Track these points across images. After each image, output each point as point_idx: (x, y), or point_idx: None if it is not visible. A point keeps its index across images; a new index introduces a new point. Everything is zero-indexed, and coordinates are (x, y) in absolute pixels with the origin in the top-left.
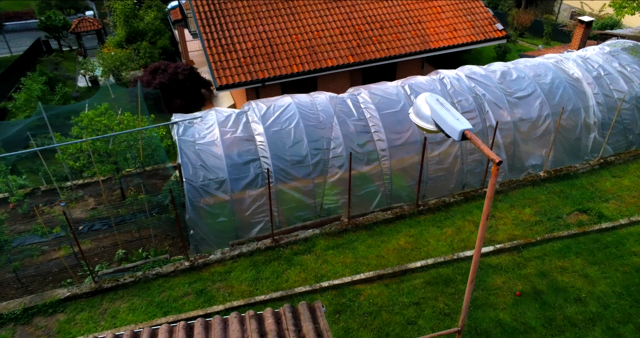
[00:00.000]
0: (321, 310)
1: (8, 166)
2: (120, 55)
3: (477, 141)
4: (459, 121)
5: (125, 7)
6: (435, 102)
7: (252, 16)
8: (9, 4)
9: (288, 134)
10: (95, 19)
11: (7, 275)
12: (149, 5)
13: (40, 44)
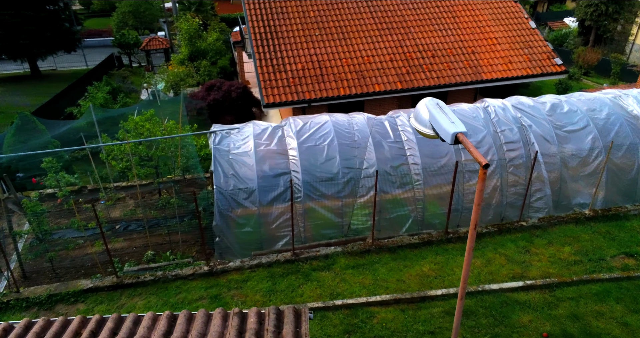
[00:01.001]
0: (307, 315)
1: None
2: (180, 71)
3: (468, 144)
4: (453, 124)
5: (190, 28)
6: (434, 106)
7: (305, 39)
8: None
9: (321, 150)
10: (164, 39)
11: (44, 264)
12: (214, 28)
13: (113, 59)
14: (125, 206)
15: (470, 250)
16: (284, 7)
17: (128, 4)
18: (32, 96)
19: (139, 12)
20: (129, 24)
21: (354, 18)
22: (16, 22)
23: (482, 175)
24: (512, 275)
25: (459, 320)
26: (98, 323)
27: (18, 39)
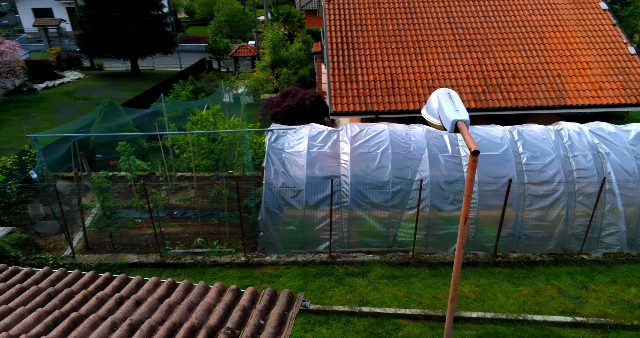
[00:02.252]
0: (300, 302)
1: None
2: (260, 77)
3: (465, 132)
4: (457, 112)
5: (275, 37)
6: (444, 95)
7: (380, 51)
8: (194, 30)
9: (373, 158)
10: (252, 47)
11: (106, 238)
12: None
13: (204, 63)
14: (185, 195)
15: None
16: (363, 20)
17: (224, 14)
18: (128, 91)
19: (234, 22)
20: (224, 32)
21: (433, 33)
22: (123, 23)
23: (471, 163)
24: (562, 309)
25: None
26: (106, 280)
27: (123, 39)
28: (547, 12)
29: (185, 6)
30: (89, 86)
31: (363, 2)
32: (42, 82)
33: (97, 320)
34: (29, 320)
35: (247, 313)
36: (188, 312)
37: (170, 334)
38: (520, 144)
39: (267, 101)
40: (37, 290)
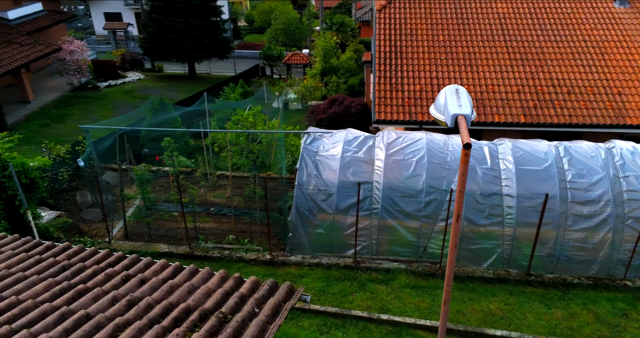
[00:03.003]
0: (299, 295)
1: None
2: (309, 84)
3: (462, 126)
4: (460, 107)
5: (326, 45)
6: (451, 91)
7: (429, 62)
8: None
9: (408, 166)
10: (305, 55)
11: (144, 229)
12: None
13: (257, 69)
14: (223, 192)
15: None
16: (413, 30)
17: (281, 22)
18: (183, 92)
19: (290, 30)
20: (279, 40)
21: (485, 45)
22: (183, 28)
23: (463, 157)
24: (598, 336)
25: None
26: (118, 258)
27: (182, 43)
28: (611, 27)
29: (246, 14)
30: (148, 86)
31: (415, 12)
32: (105, 80)
33: (100, 294)
34: (38, 288)
35: (243, 301)
36: (187, 294)
37: (165, 312)
38: (566, 160)
39: (313, 107)
40: (53, 262)
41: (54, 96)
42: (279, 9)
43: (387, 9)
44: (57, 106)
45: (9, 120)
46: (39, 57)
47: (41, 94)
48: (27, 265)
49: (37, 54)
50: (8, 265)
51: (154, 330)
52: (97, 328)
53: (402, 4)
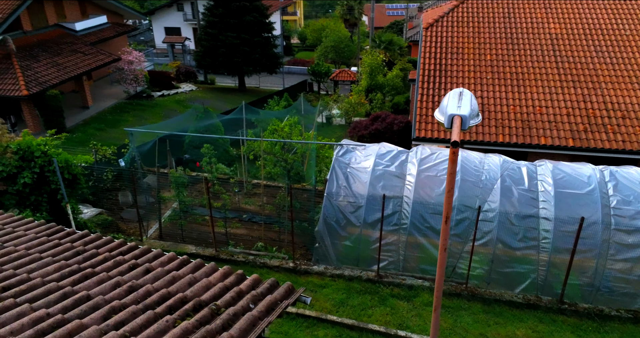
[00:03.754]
0: (296, 295)
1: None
2: (353, 101)
3: (455, 125)
4: (458, 108)
5: (373, 62)
6: (455, 93)
7: (474, 81)
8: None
9: (440, 182)
10: (352, 72)
11: (177, 231)
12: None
13: (305, 85)
14: (258, 200)
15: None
16: (460, 49)
17: (331, 40)
18: (230, 103)
19: (340, 48)
20: (329, 57)
21: (535, 66)
22: (235, 43)
23: (451, 156)
24: None
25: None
26: (130, 248)
27: (234, 57)
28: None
29: (299, 32)
30: (199, 97)
31: (462, 31)
32: (159, 90)
33: (105, 278)
34: (50, 268)
35: (240, 296)
36: (187, 285)
37: (161, 300)
38: (612, 185)
39: (356, 123)
40: (69, 247)
41: (110, 102)
42: (330, 27)
43: (434, 27)
44: (113, 112)
45: (69, 123)
46: (99, 66)
47: (99, 101)
48: (44, 248)
49: (97, 63)
50: (28, 246)
51: (146, 315)
52: (94, 309)
53: (449, 22)
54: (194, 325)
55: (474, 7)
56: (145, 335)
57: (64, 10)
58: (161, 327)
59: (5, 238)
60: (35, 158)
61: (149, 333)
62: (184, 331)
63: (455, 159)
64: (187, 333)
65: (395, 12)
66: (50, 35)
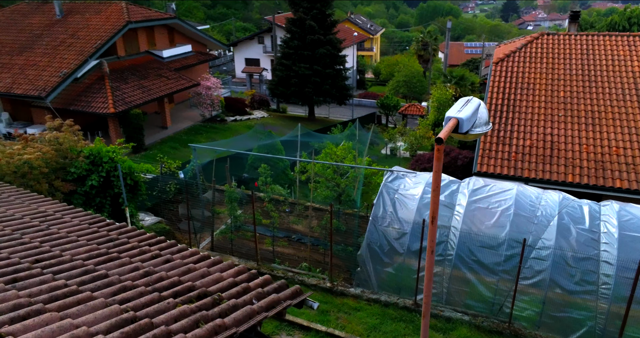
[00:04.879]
0: (301, 298)
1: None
2: (418, 134)
3: (448, 125)
4: (458, 112)
5: (441, 96)
6: (462, 100)
7: (545, 117)
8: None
9: (491, 215)
10: (422, 107)
11: (227, 245)
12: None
13: (373, 117)
14: (309, 222)
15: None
16: (531, 84)
17: (403, 75)
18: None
19: (412, 83)
20: (400, 92)
21: (614, 105)
22: (307, 74)
23: (436, 153)
24: None
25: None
26: (158, 241)
27: (305, 87)
28: None
29: (373, 67)
30: (269, 123)
31: (535, 67)
32: (233, 116)
33: (126, 263)
34: (81, 249)
35: (246, 291)
36: (200, 277)
37: (171, 286)
38: None
39: (419, 156)
40: (104, 234)
41: (187, 124)
42: (403, 62)
43: (504, 61)
44: (188, 133)
45: (147, 141)
46: (179, 90)
47: (177, 122)
48: (83, 233)
49: (178, 87)
50: (69, 230)
51: (151, 296)
52: (107, 286)
53: (521, 58)
54: (192, 310)
55: (549, 43)
56: (144, 312)
57: (154, 39)
58: (161, 307)
59: (53, 222)
60: (103, 163)
61: (149, 311)
62: (181, 313)
63: (440, 157)
64: (184, 315)
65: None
66: (140, 61)
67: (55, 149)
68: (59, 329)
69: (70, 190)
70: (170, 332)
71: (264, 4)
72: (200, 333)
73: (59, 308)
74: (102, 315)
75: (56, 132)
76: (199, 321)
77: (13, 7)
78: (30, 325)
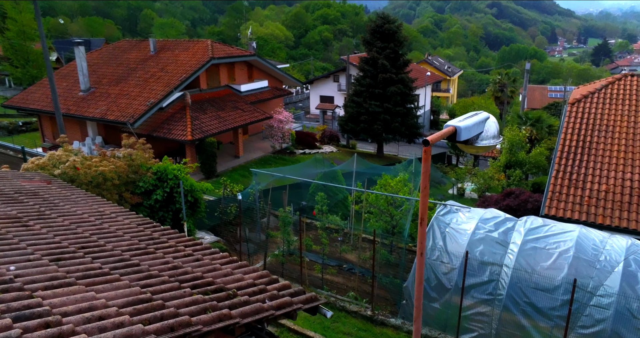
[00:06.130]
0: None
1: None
2: (486, 175)
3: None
4: (460, 121)
5: (513, 137)
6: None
7: (624, 162)
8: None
9: (548, 255)
10: (496, 148)
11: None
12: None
13: (444, 157)
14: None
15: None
16: (610, 126)
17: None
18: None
19: None
20: None
21: None
22: (377, 111)
23: (423, 154)
24: None
25: None
26: (195, 244)
27: (374, 124)
28: None
29: (449, 108)
30: (336, 158)
31: (616, 108)
32: (302, 149)
33: (159, 257)
34: (123, 243)
35: (262, 292)
36: (222, 276)
37: (192, 279)
38: None
39: (486, 197)
40: (148, 234)
41: (258, 155)
42: (478, 103)
43: (581, 103)
44: (258, 163)
45: (219, 168)
46: (252, 122)
47: (249, 152)
48: (131, 231)
49: (252, 119)
50: (119, 227)
51: (171, 284)
52: (136, 272)
53: (600, 99)
54: (204, 300)
55: (634, 84)
56: (160, 296)
57: (234, 74)
58: (177, 295)
59: (106, 220)
60: (168, 179)
61: (165, 296)
62: (193, 301)
63: (427, 159)
64: (195, 303)
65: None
66: (219, 94)
67: (128, 164)
68: (81, 298)
69: (137, 202)
70: (178, 314)
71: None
72: (204, 319)
73: (88, 284)
74: (123, 293)
75: (130, 149)
76: (208, 309)
77: (116, 44)
78: (59, 293)
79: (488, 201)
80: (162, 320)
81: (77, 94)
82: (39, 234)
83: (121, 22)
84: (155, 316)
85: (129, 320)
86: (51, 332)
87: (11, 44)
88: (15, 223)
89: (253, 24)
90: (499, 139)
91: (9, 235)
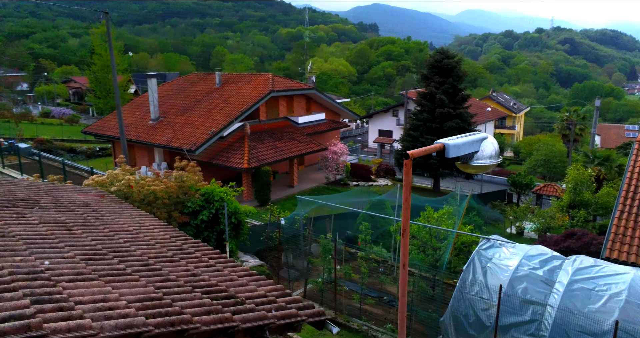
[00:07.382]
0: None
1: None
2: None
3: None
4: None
5: (578, 176)
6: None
7: None
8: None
9: (597, 297)
10: (560, 187)
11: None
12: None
13: (504, 194)
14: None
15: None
16: None
17: (543, 154)
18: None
19: (551, 163)
20: (538, 171)
21: None
22: None
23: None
24: None
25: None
26: (219, 256)
27: (430, 158)
28: None
29: (513, 146)
30: (389, 191)
31: None
32: (357, 181)
33: (182, 265)
34: (152, 251)
35: (271, 302)
36: (237, 286)
37: (206, 286)
38: None
39: (545, 237)
40: (179, 245)
41: (311, 185)
42: (545, 140)
43: None
44: (311, 193)
45: (273, 197)
46: (307, 153)
47: (303, 183)
48: (162, 240)
49: (307, 150)
50: (153, 237)
51: (183, 288)
52: (155, 275)
53: None
54: (211, 303)
55: None
56: (171, 297)
57: (293, 106)
58: (187, 297)
59: (143, 230)
60: (215, 201)
61: (175, 297)
62: (200, 303)
63: (408, 172)
64: (202, 305)
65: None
66: (277, 125)
67: (179, 185)
68: (98, 291)
69: (185, 222)
70: (182, 312)
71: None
72: (205, 319)
73: (108, 281)
74: (137, 291)
75: (182, 171)
76: (212, 312)
77: (186, 77)
78: (80, 285)
79: (547, 242)
80: (165, 316)
81: (147, 122)
82: (79, 237)
83: (195, 58)
84: (159, 312)
85: (134, 313)
86: (62, 314)
87: (96, 77)
88: (61, 227)
89: (318, 60)
90: (497, 160)
91: (52, 236)
